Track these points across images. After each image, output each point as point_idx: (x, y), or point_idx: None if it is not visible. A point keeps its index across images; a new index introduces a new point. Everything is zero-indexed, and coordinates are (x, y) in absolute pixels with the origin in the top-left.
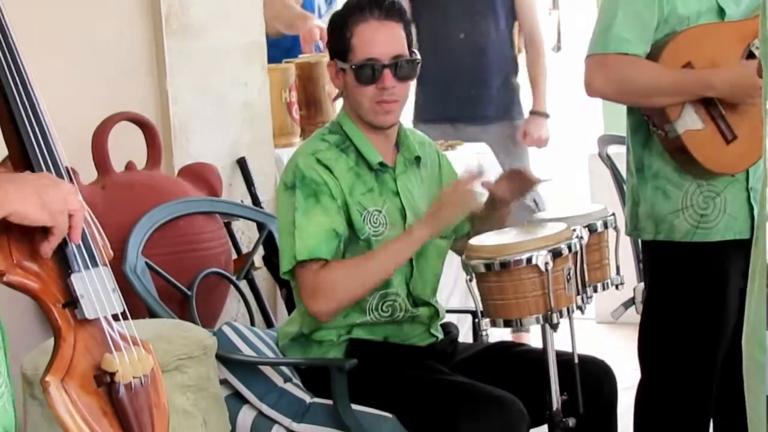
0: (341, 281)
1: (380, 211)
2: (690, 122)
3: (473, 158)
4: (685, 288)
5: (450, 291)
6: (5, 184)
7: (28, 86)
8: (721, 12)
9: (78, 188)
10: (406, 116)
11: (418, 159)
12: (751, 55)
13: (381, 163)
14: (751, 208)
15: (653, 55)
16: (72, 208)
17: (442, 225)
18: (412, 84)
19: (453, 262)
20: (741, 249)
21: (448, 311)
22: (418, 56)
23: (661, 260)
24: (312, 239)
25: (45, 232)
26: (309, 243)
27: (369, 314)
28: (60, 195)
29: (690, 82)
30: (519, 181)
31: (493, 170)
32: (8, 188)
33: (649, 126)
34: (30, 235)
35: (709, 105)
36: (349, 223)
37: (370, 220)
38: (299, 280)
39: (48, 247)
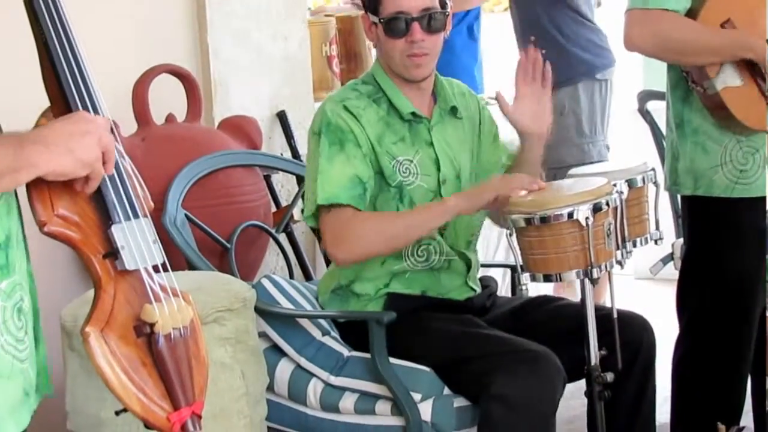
0: (367, 234)
1: (411, 161)
2: (729, 79)
3: None
4: (724, 243)
5: (495, 247)
6: (34, 144)
7: (70, 35)
8: None
9: (118, 138)
10: None
11: (454, 109)
12: None
13: (413, 113)
14: None
15: (693, 10)
16: (106, 147)
17: (479, 205)
18: None
19: None
20: None
21: (487, 265)
22: (449, 8)
23: (700, 215)
24: (332, 185)
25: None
26: (329, 189)
27: (405, 260)
28: (92, 141)
29: (730, 44)
30: (531, 96)
31: None
32: (39, 148)
33: (688, 82)
34: (70, 185)
35: (748, 62)
36: (379, 171)
37: (399, 169)
38: (322, 224)
39: (89, 188)
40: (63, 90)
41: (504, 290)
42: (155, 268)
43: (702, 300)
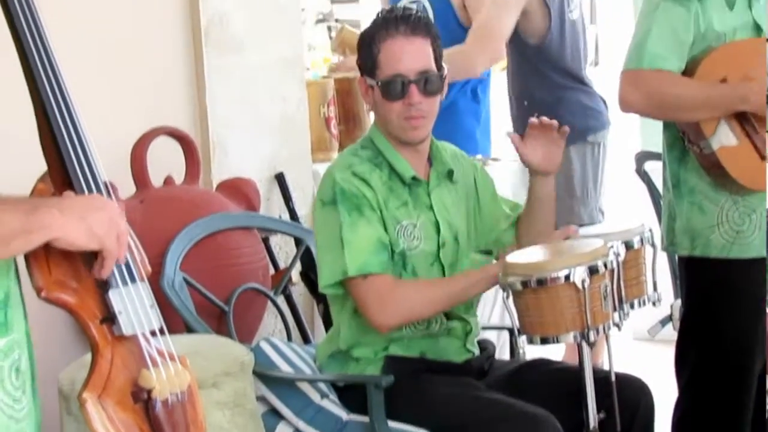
0: (411, 299)
1: (415, 225)
2: (725, 138)
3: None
4: (721, 304)
5: (491, 306)
6: (49, 208)
7: (69, 102)
8: (758, 28)
9: (121, 206)
10: None
11: (450, 172)
12: None
13: (414, 177)
14: None
15: (689, 70)
16: (119, 230)
17: None
18: None
19: None
20: None
21: (485, 328)
22: (446, 70)
23: (697, 276)
24: (362, 254)
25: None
26: (359, 257)
27: (405, 328)
28: (105, 217)
29: (724, 96)
30: (543, 138)
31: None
32: (53, 212)
33: (684, 142)
34: (68, 251)
35: (743, 121)
36: None
37: (404, 234)
38: (361, 294)
39: (105, 272)
40: (61, 154)
41: (499, 349)
42: (153, 333)
43: (700, 361)
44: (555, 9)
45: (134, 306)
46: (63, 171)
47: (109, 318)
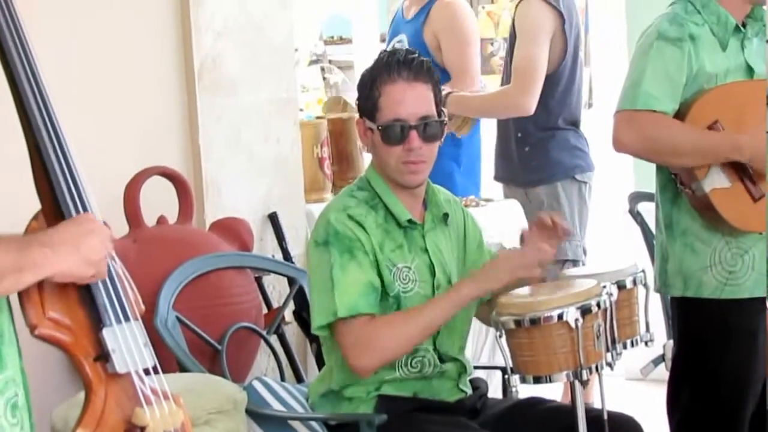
0: (387, 337)
1: (409, 268)
2: (717, 181)
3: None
4: (713, 345)
5: (482, 344)
6: (41, 246)
7: (62, 141)
8: (750, 70)
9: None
10: None
11: (446, 216)
12: None
13: (409, 220)
14: None
15: (681, 111)
16: (110, 251)
17: (489, 287)
18: None
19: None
20: (764, 304)
21: (477, 368)
22: (446, 116)
23: (689, 316)
24: (351, 295)
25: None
26: (349, 299)
27: (398, 370)
28: (98, 240)
29: (718, 146)
30: (547, 234)
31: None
32: (45, 251)
33: (676, 184)
34: (62, 288)
35: (736, 163)
36: (380, 278)
37: (399, 277)
38: (341, 337)
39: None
40: (55, 193)
41: (493, 391)
42: (146, 371)
43: (692, 401)
44: (572, 40)
45: (128, 344)
46: (56, 207)
47: (103, 356)
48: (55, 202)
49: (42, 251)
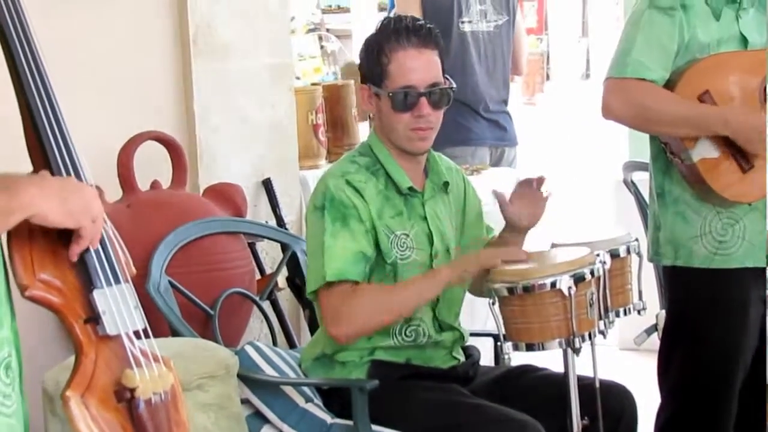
0: (364, 309)
1: (408, 235)
2: (705, 151)
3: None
4: (704, 314)
5: (470, 312)
6: (29, 186)
7: (54, 105)
8: (744, 40)
9: (102, 202)
10: None
11: (446, 184)
12: None
13: (410, 188)
14: None
15: (672, 81)
16: (94, 213)
17: (465, 277)
18: None
19: None
20: (758, 275)
21: (471, 334)
22: (453, 83)
23: (680, 286)
24: (340, 261)
25: (67, 240)
26: (337, 265)
27: (393, 338)
28: (82, 199)
29: (707, 118)
30: (530, 197)
31: None
32: (31, 190)
33: (666, 153)
34: (53, 249)
35: (726, 138)
36: (377, 245)
37: (397, 244)
38: (323, 302)
39: (76, 250)
40: (47, 156)
41: (486, 358)
42: (137, 334)
43: (682, 369)
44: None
45: (118, 306)
46: (47, 166)
47: (93, 318)
48: (47, 164)
49: (29, 190)
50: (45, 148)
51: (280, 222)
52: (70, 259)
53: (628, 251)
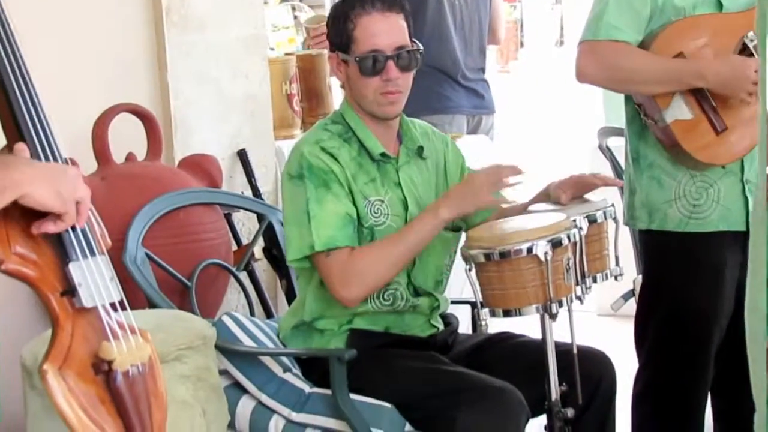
0: (372, 267)
1: (382, 201)
2: (679, 112)
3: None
4: (679, 278)
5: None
6: (22, 166)
7: (27, 77)
8: (719, 4)
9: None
10: None
11: (420, 149)
12: (744, 48)
13: (383, 154)
14: (746, 201)
15: (646, 43)
16: (80, 195)
17: (468, 208)
18: None
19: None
20: (737, 240)
21: (453, 302)
22: (420, 46)
23: (655, 250)
24: (329, 228)
25: (43, 215)
26: (326, 232)
27: (370, 303)
28: (71, 183)
29: (680, 71)
30: (582, 188)
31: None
32: (25, 170)
33: (640, 115)
34: (27, 223)
35: (699, 95)
36: (355, 209)
37: (371, 210)
38: (324, 269)
39: (53, 228)
40: (21, 130)
41: (464, 327)
42: (113, 306)
43: (658, 333)
44: None
45: (94, 279)
46: (20, 137)
47: (69, 291)
48: (21, 137)
49: (21, 169)
50: (18, 120)
51: (256, 192)
52: (43, 231)
53: (605, 216)
